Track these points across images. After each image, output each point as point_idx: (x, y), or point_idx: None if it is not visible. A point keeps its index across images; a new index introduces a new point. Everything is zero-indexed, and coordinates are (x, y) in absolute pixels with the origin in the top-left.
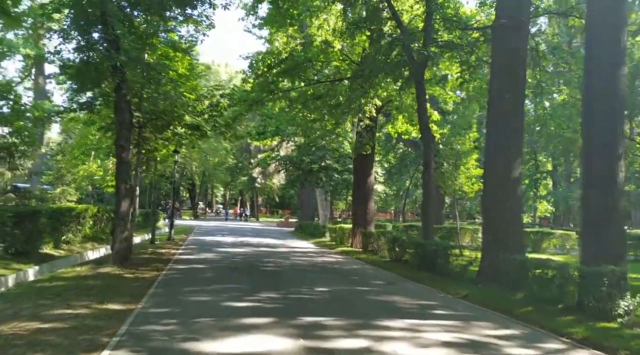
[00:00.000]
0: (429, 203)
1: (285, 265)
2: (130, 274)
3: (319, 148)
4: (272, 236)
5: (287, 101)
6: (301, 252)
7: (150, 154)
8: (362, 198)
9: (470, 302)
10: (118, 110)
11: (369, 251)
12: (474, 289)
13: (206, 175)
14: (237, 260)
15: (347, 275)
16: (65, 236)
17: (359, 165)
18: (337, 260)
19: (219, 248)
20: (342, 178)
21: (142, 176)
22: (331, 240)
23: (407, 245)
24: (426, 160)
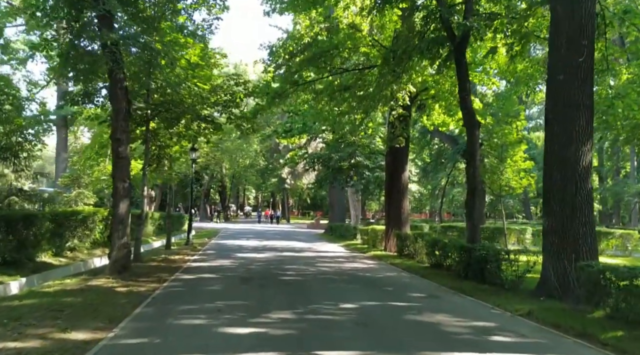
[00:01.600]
0: (476, 201)
1: (309, 274)
2: (123, 288)
3: (349, 144)
4: (299, 239)
5: (312, 93)
6: (329, 257)
7: (162, 150)
8: (396, 196)
9: (537, 322)
10: (113, 98)
11: (404, 255)
12: (536, 303)
13: (236, 177)
14: (255, 268)
15: (380, 285)
16: (70, 242)
17: (391, 161)
18: (369, 267)
19: (239, 253)
20: (374, 176)
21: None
22: (363, 243)
23: (449, 249)
24: (471, 151)
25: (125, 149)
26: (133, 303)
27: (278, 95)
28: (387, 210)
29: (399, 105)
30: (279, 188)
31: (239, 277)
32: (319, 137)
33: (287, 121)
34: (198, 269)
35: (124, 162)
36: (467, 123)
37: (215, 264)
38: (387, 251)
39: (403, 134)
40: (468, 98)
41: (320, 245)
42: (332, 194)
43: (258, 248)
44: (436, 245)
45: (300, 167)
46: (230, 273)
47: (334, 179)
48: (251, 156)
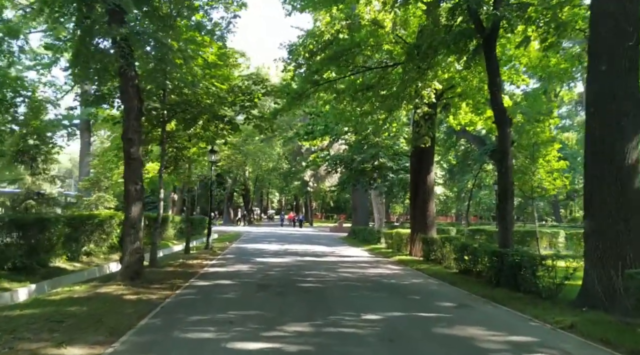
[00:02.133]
0: (508, 203)
1: (330, 281)
2: (134, 295)
3: (372, 145)
4: (322, 243)
5: (333, 93)
6: (351, 262)
7: (179, 152)
8: (421, 199)
9: (582, 337)
10: (124, 97)
11: (431, 260)
12: (579, 315)
13: (259, 180)
14: (273, 273)
15: (406, 293)
16: (86, 247)
17: (416, 162)
18: (394, 273)
19: (259, 258)
20: (398, 178)
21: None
22: (387, 247)
23: (479, 254)
24: (502, 150)
25: (137, 150)
26: (140, 313)
27: (298, 96)
28: (412, 214)
29: (424, 103)
30: (301, 191)
31: (256, 283)
32: (341, 138)
33: (308, 123)
34: (215, 274)
35: (135, 164)
36: (497, 120)
37: (233, 269)
38: (413, 256)
39: (429, 133)
40: (498, 94)
41: (342, 250)
42: (355, 197)
43: (279, 252)
44: (465, 250)
45: (323, 170)
46: (247, 279)
47: (357, 181)
48: (274, 159)
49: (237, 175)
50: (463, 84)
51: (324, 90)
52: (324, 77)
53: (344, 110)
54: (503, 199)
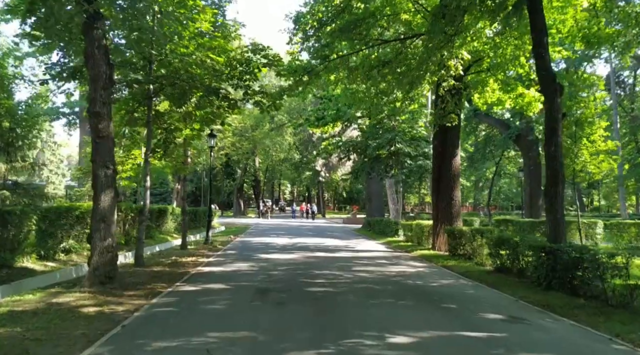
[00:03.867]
0: (559, 188)
1: (343, 283)
2: (95, 307)
3: (387, 130)
4: (334, 236)
5: (345, 70)
6: (368, 258)
7: (170, 135)
8: (445, 186)
9: None
10: (90, 62)
11: (458, 255)
12: None
13: (269, 171)
14: (277, 274)
15: (437, 300)
16: (65, 243)
17: (440, 144)
18: (418, 271)
19: (264, 254)
20: (417, 164)
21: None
22: (406, 240)
23: (522, 249)
24: (551, 124)
25: (108, 126)
26: (91, 336)
27: (306, 73)
28: (435, 203)
29: (451, 76)
30: (313, 181)
31: (255, 288)
32: (355, 123)
33: (319, 108)
34: (207, 275)
35: (105, 143)
36: (545, 88)
37: (230, 268)
38: (436, 250)
39: (456, 110)
40: (546, 56)
41: (357, 243)
42: (370, 186)
43: (287, 247)
44: (503, 244)
45: (335, 159)
46: (244, 282)
47: (372, 169)
48: (285, 149)
49: (247, 165)
50: (494, 55)
51: (335, 67)
52: (335, 51)
53: (356, 90)
54: (553, 183)
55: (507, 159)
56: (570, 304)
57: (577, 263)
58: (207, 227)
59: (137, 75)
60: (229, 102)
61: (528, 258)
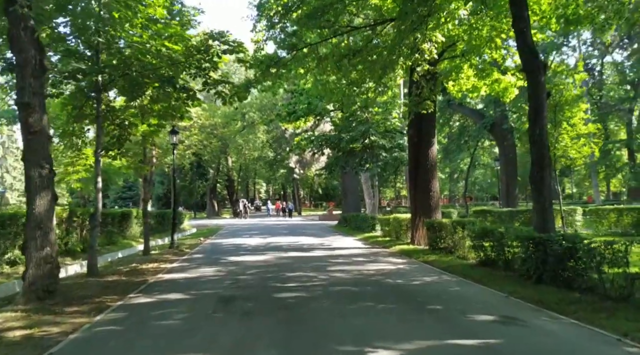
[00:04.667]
0: (545, 173)
1: (318, 286)
2: (25, 329)
3: (361, 122)
4: (310, 233)
5: (315, 60)
6: (345, 255)
7: (124, 131)
8: (423, 177)
9: None
10: (14, 45)
11: (439, 249)
12: None
13: (243, 170)
14: (246, 278)
15: (421, 301)
16: (10, 254)
17: (415, 133)
18: (398, 268)
19: (233, 256)
20: (392, 157)
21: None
22: (384, 235)
23: (508, 241)
24: (535, 106)
25: (41, 119)
26: None
27: (274, 63)
28: (413, 195)
29: (425, 60)
30: (288, 179)
31: (219, 296)
32: (327, 117)
33: (289, 102)
34: (167, 284)
35: (38, 139)
36: (527, 66)
37: (194, 274)
38: (416, 244)
39: (431, 96)
40: (527, 31)
41: (333, 240)
42: (345, 181)
43: (259, 248)
44: (486, 236)
45: (309, 155)
46: (208, 290)
47: (346, 163)
48: (258, 147)
49: (219, 165)
50: (469, 38)
51: (303, 57)
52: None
53: (327, 81)
54: (538, 167)
55: (481, 149)
56: (566, 299)
57: (571, 253)
58: (172, 230)
59: (76, 62)
60: (187, 94)
61: (515, 249)
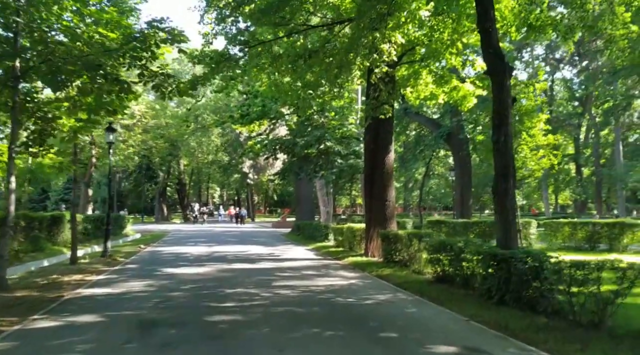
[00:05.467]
0: (509, 183)
1: (257, 307)
2: None
3: (316, 127)
4: (260, 242)
5: (269, 59)
6: (293, 268)
7: (47, 124)
8: (378, 185)
9: None
10: None
11: (394, 262)
12: None
13: (196, 173)
14: (177, 296)
15: (374, 326)
16: None
17: (372, 139)
18: (350, 284)
19: (170, 268)
20: (348, 164)
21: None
22: (336, 245)
23: (469, 257)
24: (499, 110)
25: None
26: None
27: (224, 59)
28: (368, 203)
29: (383, 61)
30: (242, 184)
31: (139, 320)
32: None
33: (243, 104)
34: (84, 302)
35: None
36: (492, 69)
37: (119, 289)
38: (369, 256)
39: (389, 100)
40: (493, 31)
41: (284, 250)
42: (299, 188)
43: (201, 258)
44: (444, 250)
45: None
46: (130, 311)
47: (300, 169)
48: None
49: (170, 168)
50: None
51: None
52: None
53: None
54: (502, 178)
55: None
56: (533, 325)
57: (536, 273)
58: (105, 237)
59: None
60: (121, 86)
61: (474, 266)
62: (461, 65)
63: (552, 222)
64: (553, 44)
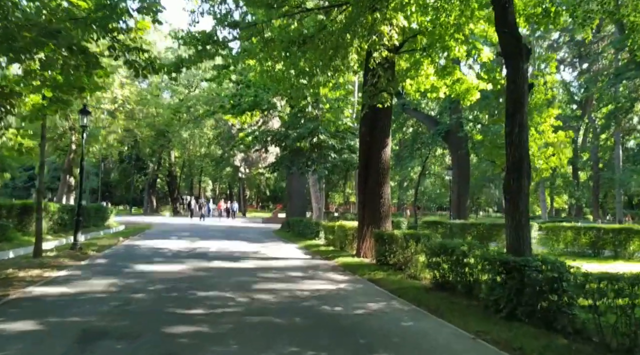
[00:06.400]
0: (523, 181)
1: (232, 314)
2: None
3: (310, 119)
4: (247, 238)
5: (260, 43)
6: (278, 269)
7: (5, 101)
8: (373, 181)
9: None
10: None
11: (388, 265)
12: None
13: (187, 166)
14: (140, 299)
15: (364, 343)
16: None
17: (367, 131)
18: (338, 289)
19: (143, 264)
20: (342, 159)
21: None
22: (327, 244)
23: (474, 263)
24: (516, 98)
25: None
26: None
27: (211, 41)
28: (362, 201)
29: (383, 45)
30: (234, 178)
31: (84, 329)
32: (274, 110)
33: (234, 93)
34: (30, 303)
35: None
36: (508, 50)
37: (76, 289)
38: (362, 257)
39: (388, 88)
40: (510, 7)
41: (271, 247)
42: (291, 182)
43: (180, 254)
44: (445, 253)
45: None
46: (77, 317)
47: (291, 163)
48: (204, 144)
49: (160, 159)
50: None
51: (247, 37)
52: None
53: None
54: (516, 175)
55: (433, 158)
56: (552, 347)
57: (554, 284)
58: (75, 229)
59: None
60: (88, 60)
61: (479, 272)
62: (466, 56)
63: (554, 226)
64: (556, 45)
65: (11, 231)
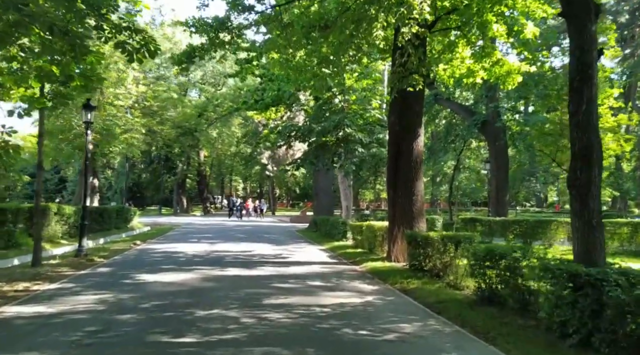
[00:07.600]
0: (593, 170)
1: (228, 343)
2: None
3: (335, 112)
4: (270, 239)
5: (279, 28)
6: (298, 276)
7: None
8: (405, 177)
9: None
10: None
11: (423, 271)
12: None
13: (215, 165)
14: (125, 321)
15: None
16: None
17: (397, 121)
18: (364, 303)
19: (148, 274)
20: (370, 153)
21: None
22: (355, 245)
23: (531, 273)
24: (583, 65)
25: None
26: None
27: (225, 28)
28: (392, 198)
29: (413, 19)
30: (262, 176)
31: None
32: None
33: (257, 87)
34: None
35: None
36: (571, 7)
37: (54, 309)
38: (393, 261)
39: (420, 69)
40: None
41: (294, 250)
42: (317, 179)
43: (193, 259)
44: (492, 259)
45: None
46: (38, 350)
47: (317, 159)
48: (233, 142)
49: (189, 158)
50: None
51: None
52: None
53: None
54: (584, 165)
55: (468, 151)
56: None
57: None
58: (80, 234)
59: None
60: (73, 42)
61: (537, 284)
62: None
63: (607, 222)
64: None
65: (22, 236)
